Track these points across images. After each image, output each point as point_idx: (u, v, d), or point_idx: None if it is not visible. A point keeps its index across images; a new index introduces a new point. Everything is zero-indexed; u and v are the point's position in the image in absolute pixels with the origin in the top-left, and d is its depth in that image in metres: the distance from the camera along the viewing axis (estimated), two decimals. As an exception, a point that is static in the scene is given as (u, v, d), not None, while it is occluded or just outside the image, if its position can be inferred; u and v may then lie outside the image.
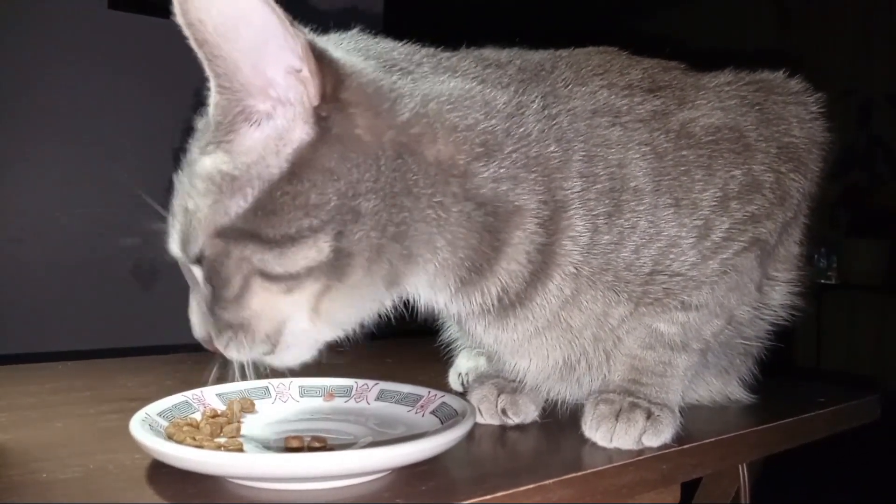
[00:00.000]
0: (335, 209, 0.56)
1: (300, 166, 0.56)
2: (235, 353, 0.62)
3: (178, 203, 0.60)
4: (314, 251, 0.57)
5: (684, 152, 0.67)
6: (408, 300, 0.67)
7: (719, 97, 0.71)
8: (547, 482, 0.57)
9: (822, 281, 3.76)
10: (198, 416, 0.67)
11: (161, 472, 0.56)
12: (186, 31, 0.53)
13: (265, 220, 0.56)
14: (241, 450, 0.61)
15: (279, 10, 0.53)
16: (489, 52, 0.71)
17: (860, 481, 2.63)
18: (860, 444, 1.83)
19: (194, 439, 0.61)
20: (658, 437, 0.68)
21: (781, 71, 0.78)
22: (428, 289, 0.66)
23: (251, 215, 0.56)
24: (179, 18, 0.53)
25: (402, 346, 1.05)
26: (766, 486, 0.98)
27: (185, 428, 0.63)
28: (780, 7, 4.26)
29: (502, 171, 0.62)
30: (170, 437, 0.60)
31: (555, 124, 0.65)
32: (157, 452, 0.55)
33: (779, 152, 0.71)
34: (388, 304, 0.65)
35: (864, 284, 3.67)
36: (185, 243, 0.60)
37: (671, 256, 0.68)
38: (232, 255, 0.57)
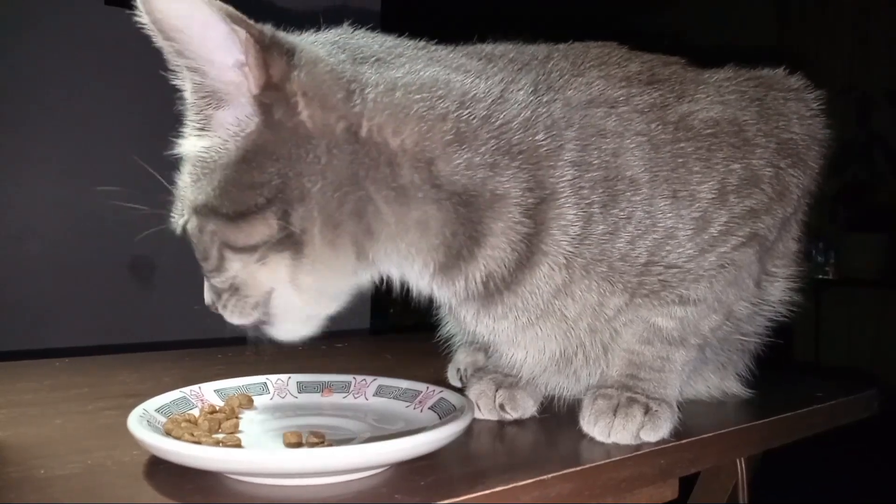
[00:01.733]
0: (277, 188, 0.60)
1: (249, 150, 0.60)
2: (236, 318, 0.67)
3: (178, 179, 0.66)
4: (265, 226, 0.61)
5: (682, 144, 0.67)
6: (403, 284, 0.69)
7: (719, 92, 0.71)
8: (545, 477, 0.57)
9: (821, 276, 3.76)
10: (196, 413, 0.67)
11: (159, 469, 0.56)
12: (153, 29, 0.58)
13: (223, 198, 0.61)
14: (239, 446, 0.61)
15: (222, 9, 0.57)
16: (485, 46, 0.72)
17: (858, 476, 2.64)
18: (858, 439, 1.83)
19: (192, 435, 0.61)
20: (656, 432, 0.68)
21: (781, 68, 0.78)
22: (404, 267, 0.67)
23: (215, 194, 0.61)
24: (145, 18, 0.58)
25: (400, 341, 1.05)
26: (764, 481, 0.98)
27: (184, 424, 0.63)
28: (779, 5, 4.26)
29: (478, 158, 0.63)
30: (168, 434, 0.60)
31: (545, 113, 0.66)
32: (155, 448, 0.55)
33: (778, 148, 0.71)
34: (367, 277, 0.67)
35: (863, 280, 3.68)
36: (177, 216, 0.66)
37: (667, 248, 0.68)
38: (205, 230, 0.63)
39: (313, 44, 0.65)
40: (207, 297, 0.69)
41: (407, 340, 1.05)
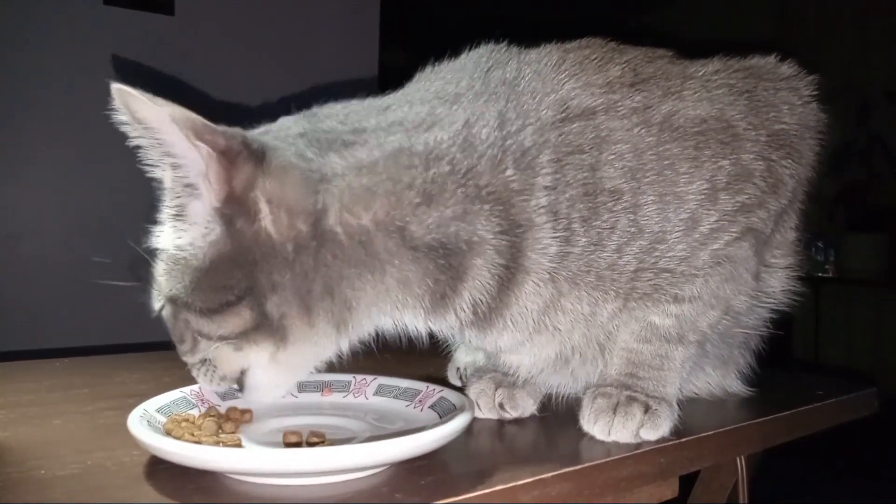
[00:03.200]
0: (246, 288, 0.61)
1: (214, 257, 0.61)
2: (206, 384, 0.68)
3: (155, 265, 0.66)
4: (239, 319, 0.62)
5: (668, 146, 0.67)
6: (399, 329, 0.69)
7: (706, 87, 0.70)
8: (545, 476, 0.57)
9: (821, 275, 3.76)
10: (196, 413, 0.67)
11: (159, 469, 0.56)
12: (132, 126, 0.60)
13: (194, 295, 0.62)
14: (239, 445, 0.61)
15: (187, 121, 0.58)
16: (446, 83, 0.71)
17: (857, 474, 2.64)
18: (858, 437, 1.83)
19: (192, 435, 0.61)
20: (656, 430, 0.68)
21: (773, 55, 0.77)
22: (396, 321, 0.67)
23: (186, 291, 0.62)
24: (123, 116, 0.59)
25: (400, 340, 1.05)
26: (764, 479, 0.98)
27: (184, 424, 0.63)
28: (779, 4, 4.26)
29: (448, 212, 0.63)
30: (168, 434, 0.60)
31: (513, 145, 0.65)
32: (155, 448, 0.55)
33: (769, 140, 0.71)
34: (346, 345, 0.67)
35: (862, 279, 3.68)
36: (154, 298, 0.66)
37: (656, 254, 0.67)
38: (179, 318, 0.64)
39: (285, 140, 0.64)
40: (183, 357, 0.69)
41: (407, 339, 1.05)
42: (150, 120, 0.58)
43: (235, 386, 0.68)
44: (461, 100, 0.68)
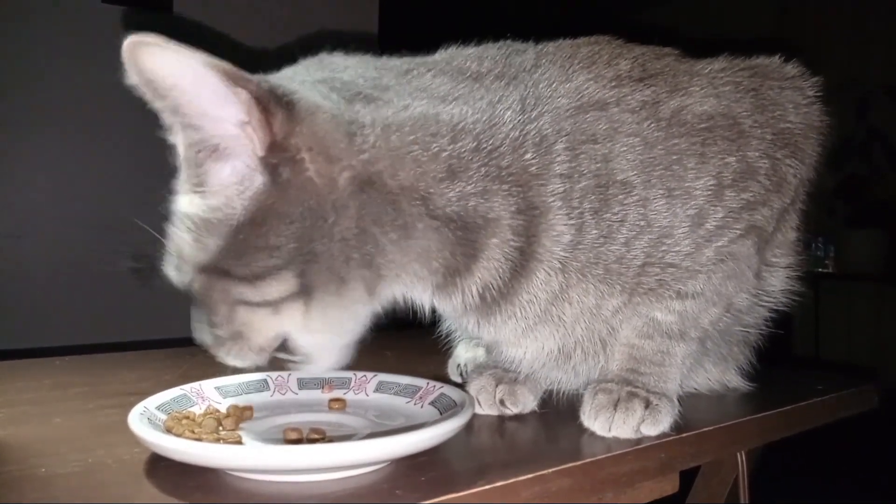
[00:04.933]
0: (294, 250, 0.59)
1: (258, 211, 0.58)
2: (238, 361, 0.65)
3: (171, 232, 0.63)
4: (284, 285, 0.60)
5: (676, 140, 0.67)
6: (406, 300, 0.69)
7: (713, 84, 0.71)
8: (546, 472, 0.57)
9: (821, 270, 3.76)
10: (196, 410, 0.67)
11: (160, 466, 0.56)
12: (144, 90, 0.56)
13: (235, 260, 0.59)
14: (239, 442, 0.61)
15: (219, 68, 0.54)
16: (471, 60, 0.70)
17: (858, 469, 2.64)
18: (858, 433, 1.83)
19: (193, 432, 0.60)
20: (656, 425, 0.68)
21: (777, 56, 0.77)
22: (408, 293, 0.67)
23: (224, 254, 0.59)
24: (133, 78, 0.55)
25: (400, 337, 1.05)
26: (765, 474, 0.98)
27: (184, 421, 0.63)
28: (778, 0, 4.25)
29: (469, 188, 0.63)
30: (168, 431, 0.60)
31: (533, 130, 0.65)
32: (155, 446, 0.55)
33: (774, 138, 0.71)
34: (377, 306, 0.67)
35: (862, 274, 3.68)
36: (178, 272, 0.63)
37: (663, 248, 0.68)
38: (215, 288, 0.61)
39: (303, 84, 0.62)
40: (204, 338, 0.66)
41: (407, 337, 1.04)
42: (177, 71, 0.54)
43: (287, 355, 0.65)
44: (483, 80, 0.68)
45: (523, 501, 0.55)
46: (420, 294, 0.67)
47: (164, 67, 0.54)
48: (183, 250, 0.61)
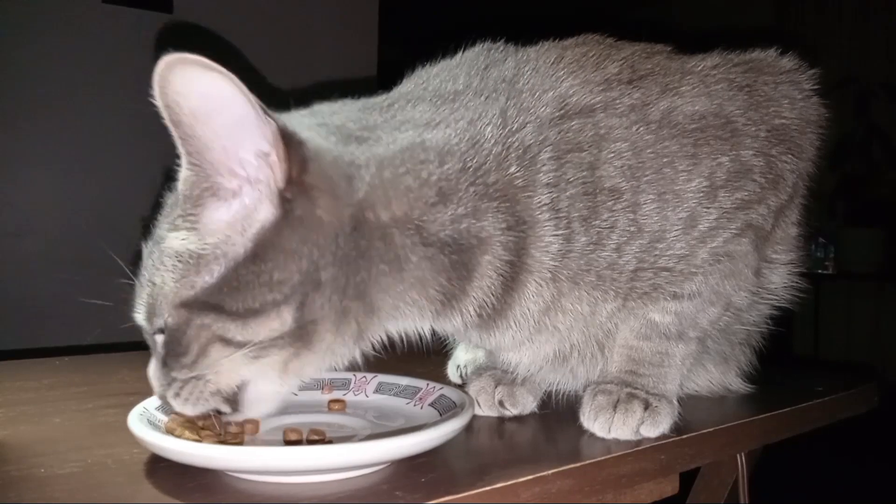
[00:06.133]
0: (297, 284, 0.58)
1: (263, 246, 0.57)
2: (188, 407, 0.61)
3: (145, 275, 0.62)
4: (277, 322, 0.58)
5: (666, 143, 0.66)
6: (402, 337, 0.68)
7: (705, 82, 0.70)
8: (545, 473, 0.57)
9: (820, 271, 3.76)
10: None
11: (160, 467, 0.56)
12: (163, 112, 0.55)
13: (230, 295, 0.57)
14: (240, 443, 0.61)
15: (252, 98, 0.55)
16: (444, 82, 0.70)
17: (858, 469, 2.65)
18: (858, 432, 1.83)
19: (193, 433, 0.60)
20: (656, 427, 0.68)
21: (773, 48, 0.76)
22: (405, 327, 0.67)
23: (216, 290, 0.57)
24: (158, 99, 0.54)
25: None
26: (765, 475, 0.98)
27: (184, 422, 0.62)
28: (778, -2, 4.26)
29: (461, 209, 0.63)
30: (169, 432, 0.59)
31: (515, 143, 0.65)
32: (155, 446, 0.55)
33: (769, 135, 0.70)
34: (357, 353, 0.65)
35: (862, 273, 3.68)
36: (150, 315, 0.61)
37: (656, 252, 0.67)
38: (192, 324, 0.58)
39: (302, 127, 0.62)
40: (155, 383, 0.63)
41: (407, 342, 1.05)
42: (204, 92, 0.53)
43: (222, 408, 0.61)
44: (462, 98, 0.68)
45: (523, 502, 0.55)
46: (419, 323, 0.67)
47: (198, 89, 0.54)
48: (163, 287, 0.59)
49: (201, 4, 2.21)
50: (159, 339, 0.61)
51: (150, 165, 0.64)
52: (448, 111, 0.67)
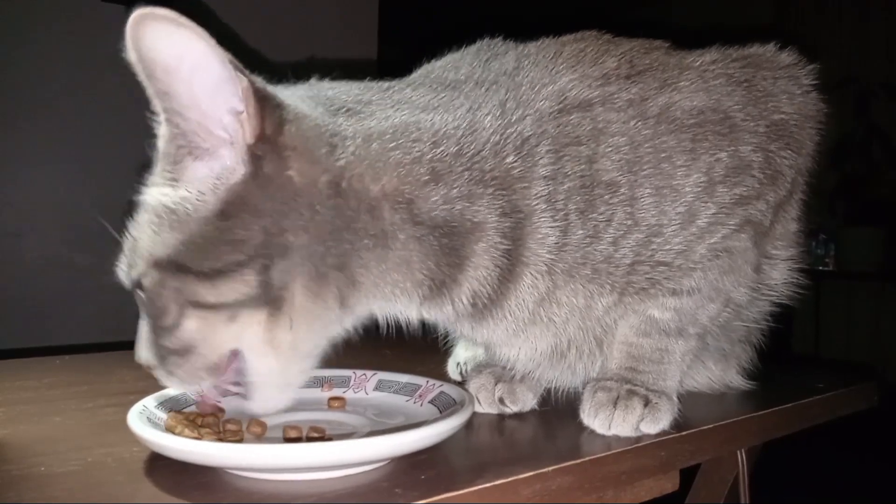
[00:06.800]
0: (261, 245, 0.57)
1: (231, 203, 0.57)
2: (182, 383, 0.62)
3: (129, 229, 0.62)
4: (241, 284, 0.58)
5: (664, 138, 0.66)
6: (388, 320, 0.68)
7: (703, 77, 0.70)
8: (545, 470, 0.57)
9: (820, 268, 3.76)
10: (196, 408, 0.67)
11: (160, 465, 0.56)
12: (137, 67, 0.55)
13: (196, 254, 0.57)
14: (239, 441, 0.61)
15: (224, 55, 0.55)
16: (446, 71, 0.71)
17: (858, 467, 2.65)
18: (858, 431, 1.83)
19: (193, 431, 0.60)
20: (656, 424, 0.68)
21: (772, 43, 0.76)
22: (390, 307, 0.66)
23: (184, 248, 0.58)
24: (130, 53, 0.54)
25: (400, 336, 1.05)
26: (765, 472, 0.98)
27: (184, 420, 0.62)
28: (777, -3, 4.25)
29: (454, 191, 0.63)
30: (169, 430, 0.59)
31: (514, 133, 0.65)
32: (155, 445, 0.54)
33: (768, 130, 0.70)
34: (345, 326, 0.65)
35: (862, 272, 3.68)
36: (129, 268, 0.62)
37: (653, 247, 0.67)
38: (167, 286, 0.59)
39: (292, 97, 0.62)
40: (143, 356, 0.63)
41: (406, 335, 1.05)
42: (181, 51, 0.53)
43: (238, 390, 0.62)
44: (462, 87, 0.69)
45: (523, 500, 0.55)
46: (405, 308, 0.66)
47: (170, 45, 0.54)
48: (140, 243, 0.60)
49: (200, 4, 2.21)
50: (142, 297, 0.62)
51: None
52: (448, 98, 0.67)
